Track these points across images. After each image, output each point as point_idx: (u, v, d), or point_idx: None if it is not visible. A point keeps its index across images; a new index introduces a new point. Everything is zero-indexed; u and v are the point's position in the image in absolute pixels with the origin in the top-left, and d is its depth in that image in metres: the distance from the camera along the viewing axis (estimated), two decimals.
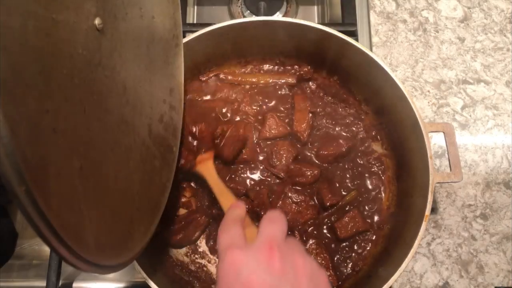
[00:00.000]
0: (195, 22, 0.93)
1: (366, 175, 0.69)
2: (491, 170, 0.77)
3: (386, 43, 0.84)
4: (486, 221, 0.74)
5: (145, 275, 0.54)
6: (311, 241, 0.64)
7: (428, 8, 0.87)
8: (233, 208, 0.49)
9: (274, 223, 0.43)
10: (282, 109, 0.72)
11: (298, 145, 0.69)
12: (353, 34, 0.80)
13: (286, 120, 0.71)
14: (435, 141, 0.78)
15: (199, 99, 0.71)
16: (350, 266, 0.65)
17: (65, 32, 0.33)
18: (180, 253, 0.67)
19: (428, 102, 0.80)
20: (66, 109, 0.33)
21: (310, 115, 0.69)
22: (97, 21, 0.38)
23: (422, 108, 0.80)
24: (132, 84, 0.46)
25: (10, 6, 0.26)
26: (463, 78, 0.82)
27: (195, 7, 0.94)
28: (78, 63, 0.35)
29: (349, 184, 0.68)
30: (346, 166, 0.69)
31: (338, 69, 0.71)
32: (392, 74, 0.62)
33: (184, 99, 0.62)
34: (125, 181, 0.44)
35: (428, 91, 0.81)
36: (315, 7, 0.96)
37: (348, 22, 0.81)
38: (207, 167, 0.63)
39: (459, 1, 0.88)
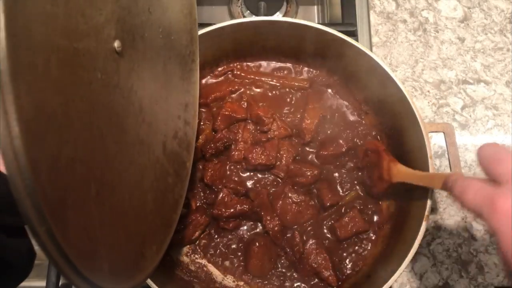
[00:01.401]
0: None
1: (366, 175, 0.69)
2: None
3: (386, 43, 0.84)
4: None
5: None
6: (311, 241, 0.64)
7: (428, 8, 0.87)
8: (452, 176, 0.45)
9: (504, 159, 0.39)
10: (287, 109, 0.72)
11: (298, 145, 0.69)
12: (353, 34, 0.80)
13: (288, 119, 0.71)
14: (435, 141, 0.78)
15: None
16: (350, 266, 0.65)
17: (85, 60, 0.32)
18: (180, 253, 0.67)
19: (428, 102, 0.80)
20: (84, 137, 0.32)
21: (321, 116, 0.70)
22: (116, 44, 0.38)
23: (422, 108, 0.80)
24: (148, 102, 0.46)
25: (34, 43, 0.26)
26: (463, 78, 0.82)
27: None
28: (97, 88, 0.34)
29: (349, 184, 0.68)
30: (346, 166, 0.69)
31: (338, 69, 0.71)
32: (392, 74, 0.62)
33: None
34: (138, 201, 0.43)
35: (428, 91, 0.81)
36: (315, 7, 0.96)
37: (348, 22, 0.81)
38: (402, 173, 0.58)
39: (459, 1, 0.88)
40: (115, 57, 0.38)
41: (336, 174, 0.69)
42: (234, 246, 0.66)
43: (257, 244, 0.63)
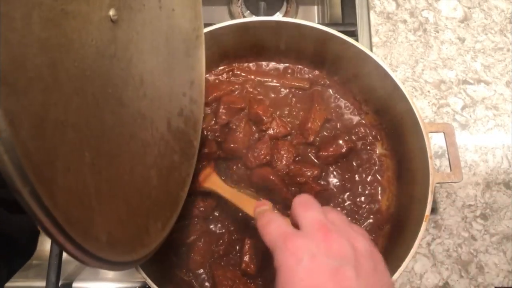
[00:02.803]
0: None
1: (366, 175, 0.69)
2: (491, 170, 0.77)
3: (386, 43, 0.84)
4: (486, 221, 0.74)
5: (144, 275, 0.54)
6: None
7: (428, 8, 0.87)
8: (261, 205, 0.49)
9: (311, 207, 0.42)
10: (287, 109, 0.72)
11: (298, 145, 0.69)
12: (353, 34, 0.80)
13: (289, 119, 0.71)
14: (435, 142, 0.78)
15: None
16: None
17: (75, 23, 0.32)
18: (179, 253, 0.67)
19: (428, 102, 0.80)
20: (76, 102, 0.31)
21: (326, 118, 0.70)
22: (111, 12, 0.37)
23: (422, 108, 0.80)
24: (150, 77, 0.45)
25: None
26: (463, 78, 0.82)
27: None
28: (91, 55, 0.34)
29: (349, 185, 0.68)
30: (346, 167, 0.69)
31: (338, 69, 0.71)
32: (392, 74, 0.62)
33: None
34: (141, 176, 0.43)
35: (428, 91, 0.81)
36: (315, 7, 0.96)
37: (348, 22, 0.81)
38: (213, 182, 0.61)
39: (459, 1, 0.88)
40: (111, 25, 0.37)
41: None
42: (230, 247, 0.65)
43: (249, 242, 0.63)
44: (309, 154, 0.69)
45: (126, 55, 0.40)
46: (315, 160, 0.69)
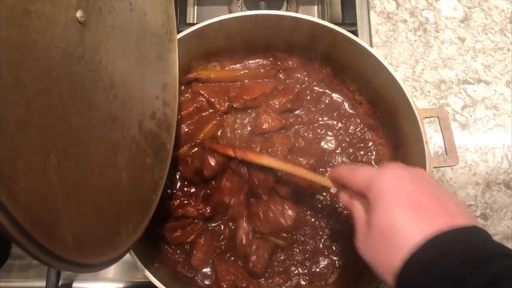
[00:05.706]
0: (195, 22, 0.93)
1: (362, 164, 0.69)
2: (491, 170, 0.77)
3: (386, 43, 0.84)
4: (486, 221, 0.74)
5: (148, 274, 0.54)
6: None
7: (428, 8, 0.87)
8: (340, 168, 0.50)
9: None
10: (276, 103, 0.72)
11: (292, 137, 0.70)
12: (354, 34, 0.79)
13: (281, 114, 0.71)
14: (435, 141, 0.78)
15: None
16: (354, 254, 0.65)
17: (39, 24, 0.31)
18: (180, 251, 0.67)
19: (429, 102, 0.80)
20: (41, 103, 0.31)
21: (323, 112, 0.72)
22: (78, 14, 0.37)
23: (423, 108, 0.80)
24: (121, 79, 0.45)
25: None
26: (464, 78, 0.82)
27: (195, 7, 0.94)
28: (57, 56, 0.33)
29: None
30: (342, 156, 0.70)
31: (330, 61, 0.71)
32: (383, 61, 0.62)
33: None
34: (111, 178, 0.43)
35: (429, 91, 0.81)
36: (315, 7, 0.96)
37: (348, 22, 0.81)
38: (266, 158, 0.61)
39: (459, 1, 0.87)
40: (78, 27, 0.37)
41: None
42: (231, 242, 0.65)
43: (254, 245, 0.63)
44: (305, 145, 0.70)
45: (95, 57, 0.40)
46: (311, 150, 0.69)
